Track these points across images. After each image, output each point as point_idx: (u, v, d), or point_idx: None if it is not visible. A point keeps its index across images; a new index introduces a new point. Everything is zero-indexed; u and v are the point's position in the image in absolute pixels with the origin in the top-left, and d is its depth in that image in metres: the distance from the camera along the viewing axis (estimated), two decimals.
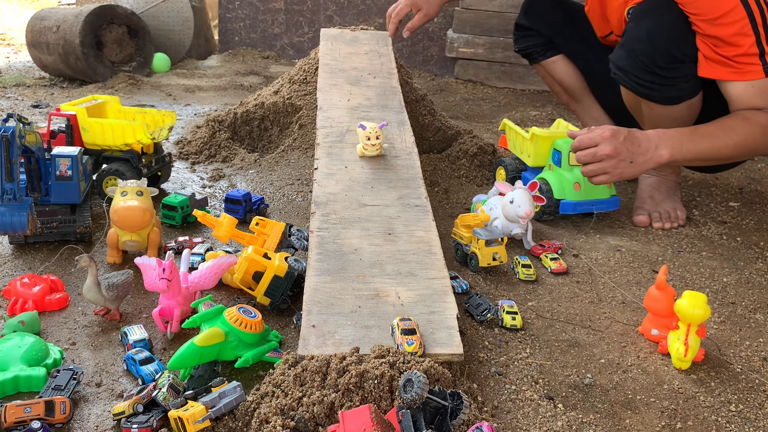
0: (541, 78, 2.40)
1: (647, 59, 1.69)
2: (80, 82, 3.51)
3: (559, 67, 2.23)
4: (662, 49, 1.67)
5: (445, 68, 4.06)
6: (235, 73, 3.91)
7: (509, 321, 1.31)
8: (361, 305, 1.18)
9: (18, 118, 1.36)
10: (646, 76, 1.72)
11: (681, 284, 1.56)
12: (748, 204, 2.13)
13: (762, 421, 1.09)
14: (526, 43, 2.27)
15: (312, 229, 1.39)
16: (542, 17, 2.21)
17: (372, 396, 0.97)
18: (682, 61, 1.68)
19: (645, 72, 1.71)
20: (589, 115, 2.31)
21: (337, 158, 1.66)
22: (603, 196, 1.85)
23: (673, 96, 1.75)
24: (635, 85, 1.76)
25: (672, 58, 1.67)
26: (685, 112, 1.79)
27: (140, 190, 1.50)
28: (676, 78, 1.71)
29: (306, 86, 2.39)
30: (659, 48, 1.68)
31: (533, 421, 1.05)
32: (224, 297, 1.41)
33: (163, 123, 1.94)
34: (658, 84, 1.72)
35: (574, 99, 2.30)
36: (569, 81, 2.26)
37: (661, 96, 1.75)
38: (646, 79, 1.72)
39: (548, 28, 2.20)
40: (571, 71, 2.24)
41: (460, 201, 2.00)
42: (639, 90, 1.76)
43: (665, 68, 1.69)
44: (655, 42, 1.68)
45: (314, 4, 4.23)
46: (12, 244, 1.58)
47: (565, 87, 2.28)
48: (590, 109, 2.30)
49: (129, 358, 1.14)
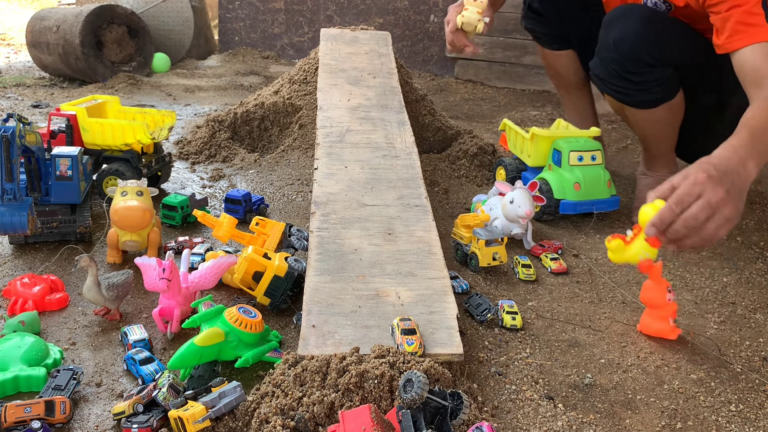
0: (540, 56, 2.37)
1: (617, 66, 1.71)
2: (80, 82, 3.51)
3: (562, 60, 2.23)
4: (629, 54, 1.68)
5: (445, 68, 4.06)
6: (235, 73, 3.91)
7: (509, 321, 1.31)
8: (361, 305, 1.18)
9: (18, 118, 1.36)
10: (618, 82, 1.74)
11: (681, 284, 1.56)
12: (748, 204, 2.13)
13: (762, 421, 1.09)
14: (533, 25, 2.24)
15: (312, 229, 1.39)
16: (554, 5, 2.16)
17: (372, 396, 0.97)
18: (651, 65, 1.69)
19: (617, 78, 1.74)
20: (575, 108, 2.33)
21: (337, 158, 1.66)
22: (603, 196, 1.85)
23: (648, 100, 1.76)
24: (612, 92, 1.79)
25: (640, 62, 1.69)
26: (665, 115, 1.80)
27: (140, 190, 1.50)
28: (648, 82, 1.72)
29: (306, 86, 2.39)
30: (626, 54, 1.69)
31: (533, 421, 1.05)
32: (224, 297, 1.41)
33: (163, 123, 1.94)
34: (631, 89, 1.74)
35: (566, 90, 2.32)
36: (568, 75, 2.26)
37: (636, 101, 1.77)
38: (619, 84, 1.75)
39: (558, 17, 2.16)
40: (572, 66, 2.24)
41: (460, 201, 1.99)
42: (615, 96, 1.79)
43: (635, 73, 1.70)
44: (621, 49, 1.69)
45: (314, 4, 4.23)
46: (12, 244, 1.58)
47: (562, 78, 2.29)
48: (578, 102, 2.32)
49: (129, 358, 1.14)
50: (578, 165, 1.83)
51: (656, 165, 1.96)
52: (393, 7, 4.10)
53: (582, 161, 1.84)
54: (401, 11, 4.09)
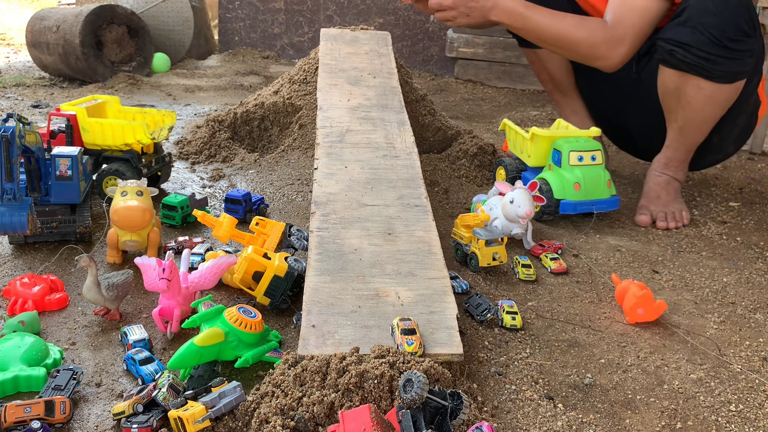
0: (528, 62, 2.38)
1: (716, 31, 1.69)
2: (80, 82, 3.51)
3: (554, 59, 2.23)
4: (733, 20, 1.69)
5: (445, 68, 4.06)
6: (235, 73, 3.91)
7: (509, 321, 1.31)
8: (361, 305, 1.18)
9: (18, 118, 1.35)
10: (712, 50, 1.71)
11: (681, 284, 1.56)
12: (748, 204, 2.13)
13: (762, 421, 1.09)
14: None
15: (312, 229, 1.39)
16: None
17: (372, 396, 0.97)
18: (748, 35, 1.70)
19: (712, 45, 1.70)
20: (571, 108, 2.33)
21: (337, 158, 1.66)
22: (603, 196, 1.85)
23: (736, 71, 1.75)
24: (697, 60, 1.72)
25: (740, 31, 1.69)
26: (733, 94, 1.80)
27: (140, 190, 1.50)
28: (742, 51, 1.72)
29: (306, 86, 2.39)
30: (729, 19, 1.69)
31: (533, 421, 1.05)
32: (224, 297, 1.41)
33: (163, 123, 1.94)
34: (723, 58, 1.71)
35: (559, 91, 2.32)
36: (559, 73, 2.26)
37: (724, 71, 1.74)
38: (712, 53, 1.71)
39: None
40: (563, 65, 2.25)
41: (460, 201, 1.99)
42: (700, 65, 1.73)
43: (734, 40, 1.70)
44: (724, 14, 1.69)
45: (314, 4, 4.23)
46: (12, 244, 1.58)
47: (554, 78, 2.28)
48: (573, 103, 2.32)
49: (129, 358, 1.14)
50: (578, 165, 1.83)
51: (676, 162, 1.95)
52: (393, 7, 4.10)
53: (582, 161, 1.84)
54: (401, 11, 4.09)
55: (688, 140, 1.91)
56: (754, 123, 2.02)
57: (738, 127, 1.97)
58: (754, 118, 2.00)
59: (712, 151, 2.01)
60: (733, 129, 1.96)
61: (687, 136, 1.90)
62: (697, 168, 2.12)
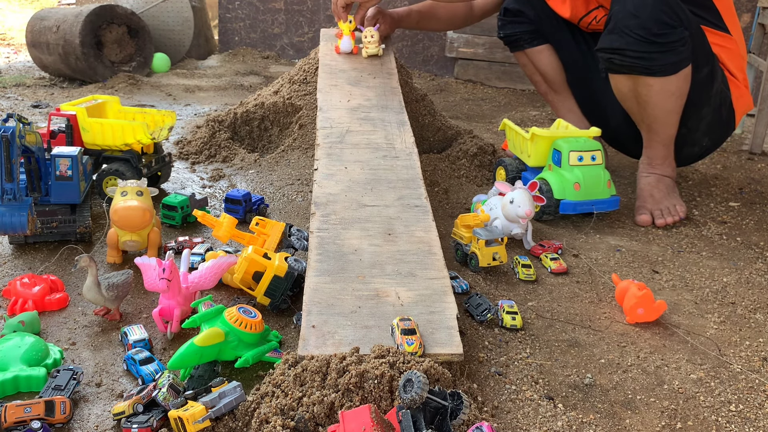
0: (520, 66, 2.40)
1: (640, 30, 1.73)
2: (80, 82, 3.51)
3: (545, 57, 2.25)
4: (652, 16, 1.72)
5: (445, 68, 4.06)
6: (235, 73, 3.91)
7: (509, 321, 1.31)
8: (361, 305, 1.18)
9: (18, 118, 1.36)
10: (642, 48, 1.75)
11: (681, 284, 1.56)
12: (748, 204, 2.13)
13: (762, 421, 1.09)
14: (513, 29, 2.28)
15: (312, 230, 1.39)
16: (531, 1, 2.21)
17: (372, 396, 0.97)
18: (673, 26, 1.73)
19: (641, 43, 1.75)
20: (565, 107, 2.34)
21: (337, 159, 1.66)
22: (603, 196, 1.85)
23: (673, 62, 1.78)
24: (634, 61, 1.78)
25: (663, 23, 1.72)
26: (682, 85, 1.83)
27: (140, 190, 1.50)
28: (673, 42, 1.75)
29: (306, 86, 2.39)
30: (649, 17, 1.72)
31: (533, 421, 1.05)
32: (224, 297, 1.41)
33: (163, 123, 1.94)
34: (656, 52, 1.76)
35: (553, 90, 2.33)
36: (551, 72, 2.28)
37: (661, 64, 1.78)
38: (643, 51, 1.76)
39: (537, 13, 2.21)
40: (554, 62, 2.26)
41: (460, 201, 1.99)
42: (638, 65, 1.78)
43: (660, 34, 1.73)
44: (643, 14, 1.73)
45: (314, 4, 4.23)
46: (12, 244, 1.58)
47: (546, 77, 2.30)
48: (567, 101, 2.33)
49: (129, 358, 1.14)
50: (578, 165, 1.83)
51: (658, 159, 1.96)
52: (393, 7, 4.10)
53: (582, 161, 1.84)
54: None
55: (660, 136, 1.94)
56: (728, 118, 2.04)
57: (704, 119, 1.99)
58: (725, 113, 2.02)
59: (686, 143, 2.03)
60: (700, 121, 1.99)
61: (657, 132, 1.93)
62: (680, 163, 2.12)
